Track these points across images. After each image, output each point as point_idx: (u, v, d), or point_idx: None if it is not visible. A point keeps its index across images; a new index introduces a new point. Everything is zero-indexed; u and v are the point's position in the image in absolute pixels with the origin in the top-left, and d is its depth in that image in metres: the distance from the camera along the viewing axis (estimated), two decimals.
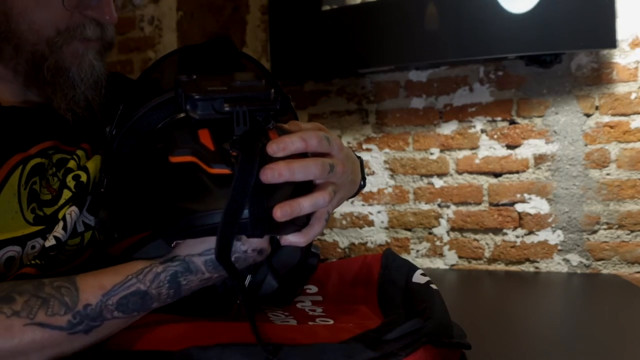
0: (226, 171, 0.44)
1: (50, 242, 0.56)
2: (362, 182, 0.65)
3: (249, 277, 0.54)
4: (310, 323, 0.57)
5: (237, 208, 0.43)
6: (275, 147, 0.45)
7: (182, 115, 0.49)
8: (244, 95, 0.46)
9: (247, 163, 0.43)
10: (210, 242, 0.47)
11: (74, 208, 0.59)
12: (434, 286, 0.61)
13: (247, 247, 0.48)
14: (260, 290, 0.55)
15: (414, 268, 0.66)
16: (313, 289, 0.70)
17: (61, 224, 0.57)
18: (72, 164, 0.61)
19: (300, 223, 0.48)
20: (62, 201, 0.59)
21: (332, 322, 0.58)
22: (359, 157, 0.65)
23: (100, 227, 0.55)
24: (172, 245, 0.49)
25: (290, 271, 0.58)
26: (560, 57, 1.45)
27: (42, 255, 0.55)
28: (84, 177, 0.61)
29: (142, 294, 0.46)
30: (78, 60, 0.60)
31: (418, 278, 0.64)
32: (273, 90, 0.48)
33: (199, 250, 0.48)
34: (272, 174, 0.44)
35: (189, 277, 0.47)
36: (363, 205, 1.67)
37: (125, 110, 0.54)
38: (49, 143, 0.60)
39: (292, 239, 0.48)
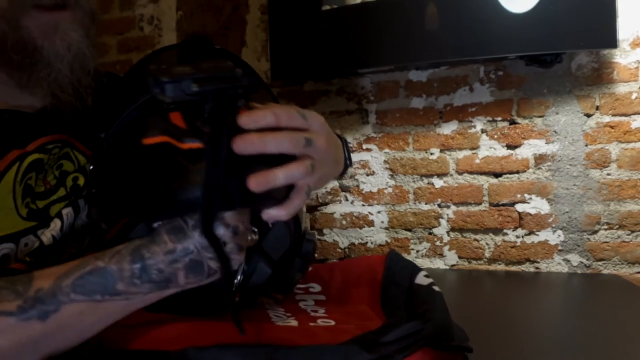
0: (198, 145, 0.45)
1: (48, 240, 0.56)
2: (347, 162, 0.63)
3: (242, 266, 0.53)
4: (311, 324, 0.57)
5: (214, 179, 0.43)
6: (247, 119, 0.45)
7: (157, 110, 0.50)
8: (211, 75, 0.47)
9: (216, 135, 0.44)
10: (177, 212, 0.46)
11: (69, 209, 0.58)
12: (436, 288, 0.61)
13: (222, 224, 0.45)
14: (254, 277, 0.55)
15: (417, 269, 0.66)
16: (316, 287, 0.70)
17: (58, 223, 0.57)
18: (69, 166, 0.61)
19: (279, 196, 0.48)
20: (54, 197, 0.59)
21: (333, 323, 0.58)
22: (340, 137, 0.63)
23: (91, 224, 0.56)
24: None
25: (285, 256, 0.58)
26: (560, 57, 1.44)
27: (36, 253, 0.55)
28: (81, 181, 0.61)
29: (101, 270, 0.44)
30: (49, 34, 0.55)
31: (421, 280, 0.64)
32: (240, 70, 0.49)
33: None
34: (244, 144, 0.44)
35: (153, 247, 0.45)
36: (363, 205, 1.67)
37: (112, 114, 0.55)
38: (48, 138, 0.59)
39: (273, 212, 0.48)
